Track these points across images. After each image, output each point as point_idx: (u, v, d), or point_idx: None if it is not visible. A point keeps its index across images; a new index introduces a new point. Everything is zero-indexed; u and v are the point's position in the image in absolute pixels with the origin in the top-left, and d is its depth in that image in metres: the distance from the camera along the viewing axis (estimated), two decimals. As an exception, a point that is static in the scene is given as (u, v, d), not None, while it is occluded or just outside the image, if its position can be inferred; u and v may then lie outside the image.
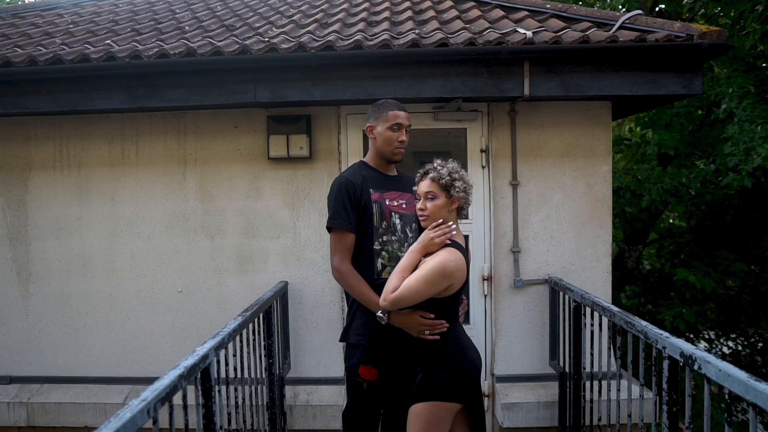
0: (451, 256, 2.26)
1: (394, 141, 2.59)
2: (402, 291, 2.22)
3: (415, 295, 2.23)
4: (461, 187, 2.36)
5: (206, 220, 4.09)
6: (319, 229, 4.05)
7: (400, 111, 2.61)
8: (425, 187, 2.36)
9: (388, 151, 2.61)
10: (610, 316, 2.90)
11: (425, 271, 2.23)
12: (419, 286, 2.21)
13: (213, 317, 4.10)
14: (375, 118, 2.65)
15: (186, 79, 3.63)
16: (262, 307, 3.22)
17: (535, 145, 4.03)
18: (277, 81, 3.60)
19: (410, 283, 2.22)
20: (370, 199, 2.56)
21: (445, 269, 2.23)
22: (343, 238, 2.53)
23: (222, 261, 4.08)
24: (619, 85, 3.58)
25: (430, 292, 2.25)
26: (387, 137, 2.59)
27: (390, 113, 2.58)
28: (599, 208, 4.05)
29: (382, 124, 2.60)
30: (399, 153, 2.62)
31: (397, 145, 2.60)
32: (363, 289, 2.47)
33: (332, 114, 4.03)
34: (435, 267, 2.22)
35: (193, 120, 4.08)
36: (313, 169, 4.05)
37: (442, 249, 2.30)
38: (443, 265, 2.22)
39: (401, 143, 2.60)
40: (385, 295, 2.27)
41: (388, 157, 2.63)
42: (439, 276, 2.22)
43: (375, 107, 2.68)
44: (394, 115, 2.58)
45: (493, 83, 3.57)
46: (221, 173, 4.08)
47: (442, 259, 2.24)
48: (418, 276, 2.23)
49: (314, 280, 4.06)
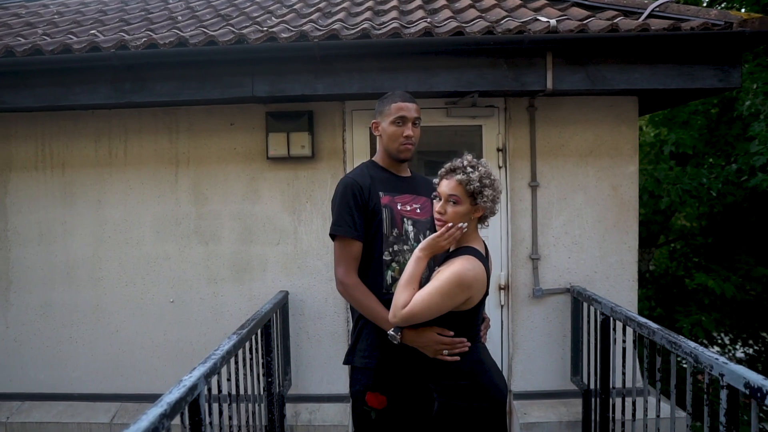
0: (468, 265, 1.96)
1: (399, 137, 2.27)
2: (414, 306, 1.92)
3: (430, 310, 1.94)
4: (490, 196, 2.06)
5: (200, 225, 3.79)
6: (321, 234, 3.75)
7: (405, 102, 2.28)
8: (449, 189, 2.06)
9: (394, 149, 2.30)
10: (649, 333, 2.60)
11: (440, 282, 1.93)
12: (434, 300, 1.92)
13: (207, 329, 3.80)
14: (379, 113, 2.34)
15: (177, 71, 3.34)
16: (260, 322, 2.92)
17: (556, 143, 3.73)
18: (276, 73, 3.30)
19: (423, 296, 1.92)
20: (379, 202, 2.26)
21: (462, 280, 1.93)
22: (349, 247, 2.22)
23: (217, 269, 3.79)
24: (650, 78, 3.29)
25: (447, 305, 1.95)
26: (391, 133, 2.28)
27: (393, 106, 2.27)
28: (625, 211, 3.76)
29: (385, 119, 2.29)
30: (406, 150, 2.30)
31: (402, 141, 2.27)
32: (372, 304, 2.17)
33: (336, 110, 3.73)
34: (451, 277, 1.93)
35: (186, 117, 3.78)
36: (315, 169, 3.75)
37: (459, 257, 2.01)
38: (460, 275, 1.93)
39: (407, 139, 2.28)
40: (394, 311, 1.97)
41: (394, 155, 2.32)
42: (455, 287, 1.93)
43: (379, 101, 2.37)
44: (397, 108, 2.26)
45: (513, 76, 3.28)
46: (216, 174, 3.78)
47: (459, 268, 1.94)
48: (432, 288, 1.93)
49: (317, 289, 3.76)
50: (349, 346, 2.32)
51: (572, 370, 3.71)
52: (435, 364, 2.10)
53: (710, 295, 6.18)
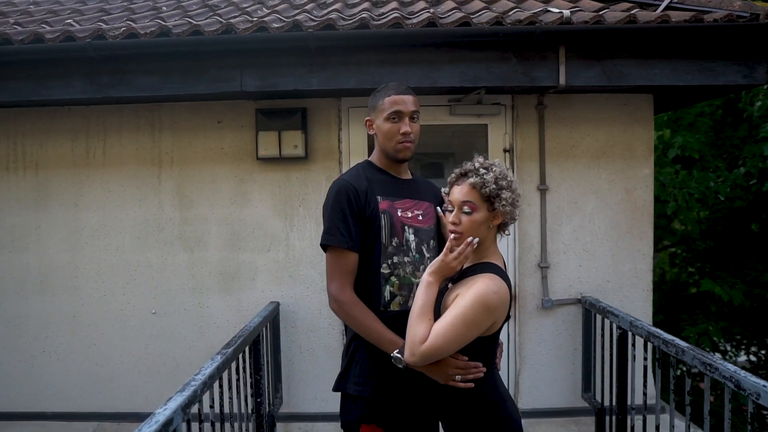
0: (493, 286, 1.71)
1: (395, 134, 1.99)
2: (436, 340, 1.66)
3: (454, 343, 1.68)
4: (509, 198, 1.80)
5: (185, 231, 3.52)
6: (315, 240, 3.49)
7: (401, 94, 2.00)
8: (462, 195, 1.80)
9: (391, 148, 2.03)
10: (677, 352, 2.37)
11: (463, 308, 1.67)
12: (458, 330, 1.66)
13: (192, 343, 3.53)
14: (372, 109, 2.07)
15: (159, 64, 3.08)
16: (249, 338, 2.66)
17: (566, 144, 3.50)
18: (267, 67, 3.05)
19: (445, 327, 1.66)
20: (377, 208, 1.99)
21: (488, 303, 1.68)
22: (343, 259, 1.96)
23: (203, 278, 3.52)
24: (669, 74, 3.07)
25: (472, 335, 1.70)
26: (387, 130, 2.00)
27: (386, 100, 1.99)
28: (639, 216, 3.54)
29: (379, 115, 2.01)
30: (405, 149, 2.03)
31: (399, 139, 1.99)
32: (372, 324, 1.91)
33: (332, 107, 3.48)
34: (475, 302, 1.67)
35: (170, 114, 3.53)
36: (309, 170, 3.50)
37: (480, 275, 1.75)
38: (485, 298, 1.67)
39: (405, 136, 1.99)
40: (411, 347, 1.70)
41: (392, 156, 2.05)
42: (481, 313, 1.67)
43: (372, 95, 2.09)
44: (391, 102, 1.98)
45: (523, 71, 3.04)
46: (202, 176, 3.52)
47: (483, 290, 1.69)
48: (454, 316, 1.67)
49: (310, 300, 3.51)
50: (341, 371, 2.04)
51: (583, 387, 3.48)
52: (444, 391, 1.84)
53: (717, 303, 5.97)
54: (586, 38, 3.01)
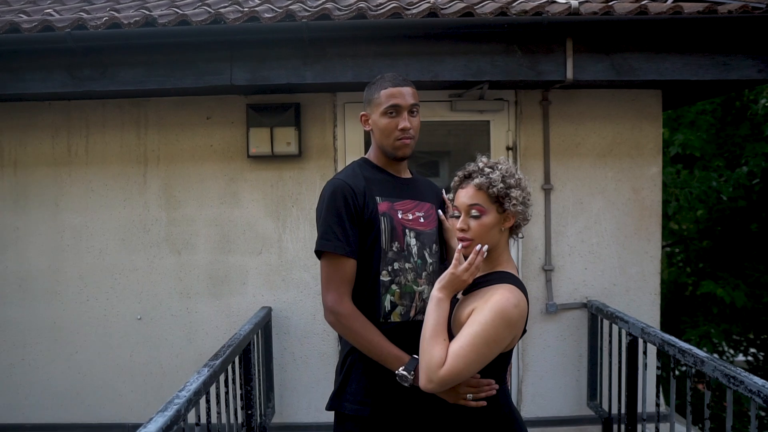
0: (513, 299, 1.55)
1: (393, 130, 1.82)
2: (456, 362, 1.50)
3: (476, 364, 1.52)
4: (519, 197, 1.65)
5: (172, 232, 3.35)
6: (309, 242, 3.33)
7: (398, 86, 1.83)
8: (468, 198, 1.65)
9: (389, 145, 1.86)
10: (695, 362, 2.23)
11: (483, 325, 1.51)
12: (479, 350, 1.50)
13: (180, 350, 3.36)
14: (368, 103, 1.89)
15: (144, 55, 2.91)
16: (239, 348, 2.50)
17: (572, 141, 3.35)
18: (258, 59, 2.89)
19: (465, 348, 1.50)
20: (376, 210, 1.83)
21: (509, 318, 1.52)
22: (340, 267, 1.79)
23: (191, 282, 3.35)
24: (682, 68, 2.93)
25: (493, 354, 1.54)
26: (384, 126, 1.83)
27: (383, 93, 1.82)
28: (647, 217, 3.40)
29: (375, 110, 1.83)
30: (403, 146, 1.86)
31: (397, 136, 1.82)
32: (374, 338, 1.75)
33: (327, 102, 3.32)
34: (495, 318, 1.51)
35: (156, 109, 3.35)
36: (302, 169, 3.34)
37: (496, 287, 1.60)
38: (505, 312, 1.52)
39: (404, 132, 1.82)
40: (428, 373, 1.54)
41: (390, 153, 1.88)
42: (503, 330, 1.52)
43: (367, 88, 1.92)
44: (388, 95, 1.81)
45: (528, 64, 2.89)
46: (190, 174, 3.35)
47: (503, 303, 1.53)
48: (473, 335, 1.50)
49: (303, 305, 3.35)
50: (336, 388, 1.87)
51: (589, 395, 3.34)
52: (454, 410, 1.69)
53: (718, 304, 5.86)
54: (595, 30, 2.87)
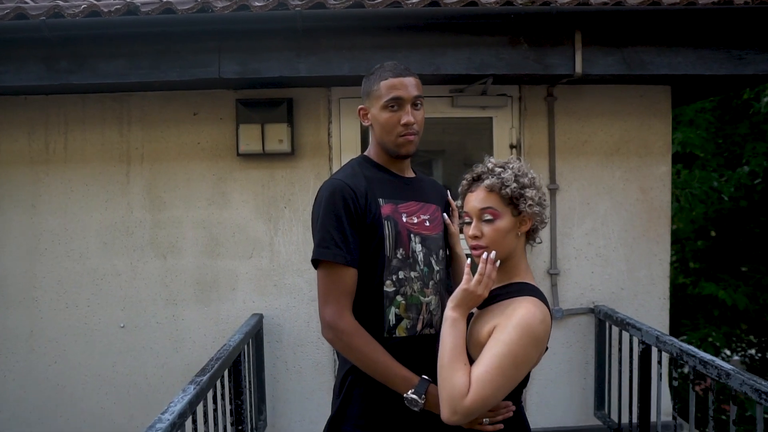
0: (539, 313, 1.40)
1: (395, 125, 1.64)
2: (482, 390, 1.33)
3: (504, 390, 1.36)
4: (534, 197, 1.49)
5: (157, 235, 3.17)
6: (302, 246, 3.16)
7: (400, 77, 1.65)
8: (480, 202, 1.49)
9: (390, 142, 1.68)
10: (719, 375, 2.08)
11: (509, 345, 1.34)
12: (507, 373, 1.34)
13: (166, 360, 3.18)
14: (366, 95, 1.71)
15: (126, 46, 2.73)
16: (228, 360, 2.32)
17: (578, 139, 3.21)
18: (249, 51, 2.71)
19: (491, 372, 1.33)
20: (379, 213, 1.65)
21: (536, 335, 1.36)
22: (340, 277, 1.60)
23: (177, 287, 3.17)
24: (695, 62, 2.80)
25: (521, 376, 1.39)
26: (384, 121, 1.65)
27: (383, 84, 1.64)
28: (656, 218, 3.27)
29: (375, 103, 1.67)
30: (407, 142, 1.68)
31: (400, 131, 1.64)
32: (379, 357, 1.57)
33: (321, 97, 3.15)
34: (522, 335, 1.34)
35: (139, 104, 3.17)
36: (295, 168, 3.17)
37: (519, 300, 1.44)
38: (532, 329, 1.36)
39: (407, 127, 1.64)
40: (452, 404, 1.37)
41: (392, 151, 1.70)
42: (531, 348, 1.36)
43: (365, 79, 1.73)
44: (389, 86, 1.64)
45: (535, 57, 2.74)
46: (176, 174, 3.17)
47: (529, 319, 1.37)
48: (500, 356, 1.34)
49: (297, 311, 3.17)
50: (334, 412, 1.69)
51: (596, 404, 3.19)
52: (466, 435, 1.52)
53: (720, 307, 5.75)
54: (605, 21, 2.73)
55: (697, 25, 2.76)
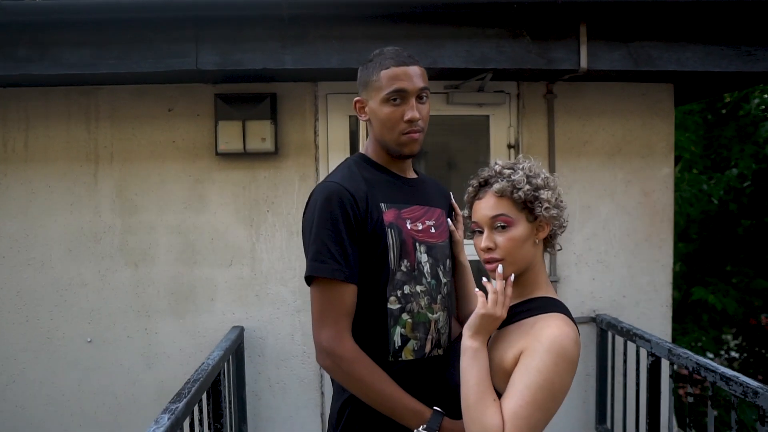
0: (571, 332, 1.24)
1: (397, 121, 1.43)
2: (517, 429, 1.15)
3: (542, 425, 1.20)
4: (551, 199, 1.32)
5: (128, 241, 2.92)
6: (286, 252, 2.94)
7: (403, 65, 1.44)
8: (490, 209, 1.32)
9: (392, 140, 1.47)
10: (747, 393, 1.92)
11: (545, 373, 1.16)
12: (545, 405, 1.17)
13: (138, 377, 2.93)
14: (364, 86, 1.48)
15: (93, 34, 2.49)
16: (207, 381, 2.10)
17: (579, 139, 3.06)
18: (229, 40, 2.49)
19: (525, 408, 1.15)
20: (381, 219, 1.44)
21: (570, 358, 1.20)
22: (338, 296, 1.39)
23: (150, 298, 2.93)
24: (704, 58, 2.66)
25: (559, 405, 1.22)
26: (385, 117, 1.44)
27: (383, 74, 1.43)
28: (658, 222, 3.13)
29: (374, 95, 1.46)
30: (410, 141, 1.47)
31: (403, 128, 1.44)
32: (386, 388, 1.37)
33: (307, 93, 2.95)
34: (558, 360, 1.17)
35: (109, 99, 2.92)
36: (279, 168, 2.95)
37: (544, 317, 1.26)
38: (566, 351, 1.19)
39: (411, 123, 1.43)
40: None
41: (394, 150, 1.49)
42: (567, 374, 1.19)
43: (362, 68, 1.51)
44: (390, 77, 1.43)
45: (538, 51, 2.57)
46: (149, 175, 2.94)
47: (562, 341, 1.20)
48: (535, 387, 1.15)
49: (281, 323, 2.95)
50: None
51: (597, 418, 3.04)
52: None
53: (709, 311, 5.68)
54: (612, 13, 2.58)
55: (705, 19, 2.63)
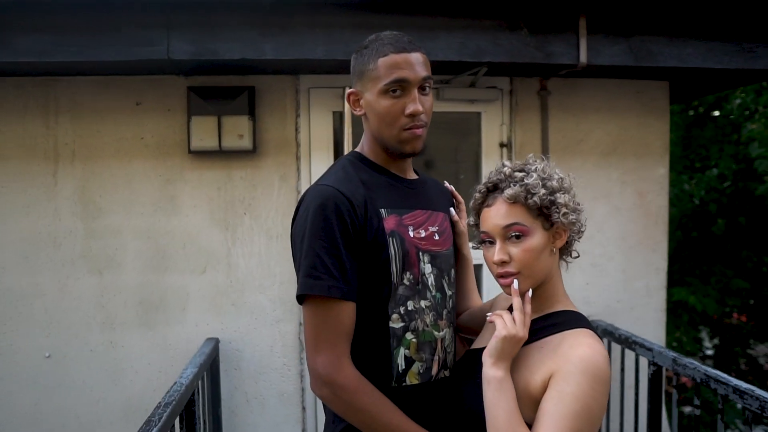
0: (601, 349, 1.12)
1: (398, 116, 1.27)
2: None
3: None
4: (569, 203, 1.21)
5: (91, 247, 2.69)
6: (265, 257, 2.75)
7: (403, 52, 1.28)
8: (502, 217, 1.18)
9: (391, 137, 1.29)
10: (765, 408, 1.80)
11: (579, 400, 1.04)
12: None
13: (102, 395, 2.70)
14: (358, 76, 1.30)
15: (50, 17, 2.25)
16: (180, 403, 1.90)
17: (573, 138, 2.94)
18: (204, 27, 2.29)
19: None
20: (382, 227, 1.27)
21: (605, 378, 1.08)
22: (335, 315, 1.21)
23: (116, 308, 2.70)
24: (705, 54, 2.56)
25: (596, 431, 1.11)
26: (384, 110, 1.28)
27: (381, 63, 1.27)
28: (653, 224, 3.03)
29: (371, 86, 1.29)
30: (413, 138, 1.30)
31: (404, 123, 1.27)
32: (392, 418, 1.20)
33: (288, 86, 2.75)
34: (592, 383, 1.05)
35: (70, 91, 2.68)
36: (257, 168, 2.76)
37: (569, 333, 1.15)
38: (600, 371, 1.07)
39: (413, 118, 1.27)
40: None
41: (394, 148, 1.32)
42: (602, 396, 1.08)
43: (356, 55, 1.33)
44: (389, 65, 1.27)
45: (536, 44, 2.44)
46: (115, 174, 2.71)
47: (594, 360, 1.09)
48: (571, 416, 1.04)
49: (259, 334, 2.76)
50: None
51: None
52: None
53: (689, 312, 5.67)
54: (612, 6, 2.46)
55: (706, 13, 2.53)
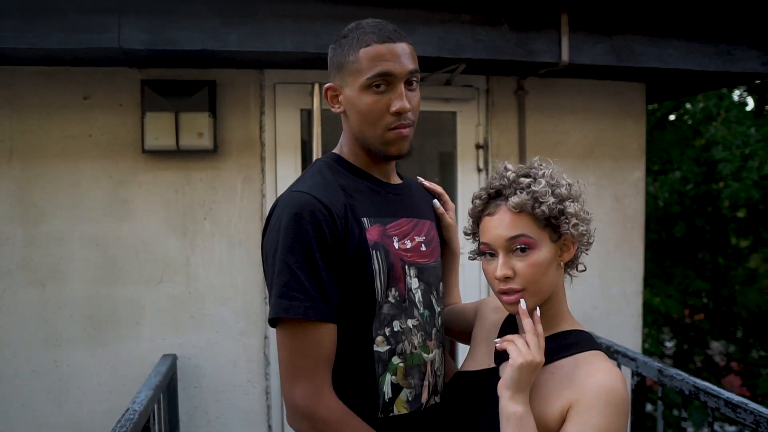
0: (619, 374, 1.04)
1: (382, 113, 1.14)
2: None
3: None
4: (578, 212, 1.09)
5: (31, 256, 2.44)
6: (227, 266, 2.55)
7: (387, 42, 1.14)
8: (507, 228, 1.07)
9: (375, 137, 1.15)
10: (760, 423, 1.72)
11: (601, 429, 0.98)
12: None
13: (45, 419, 2.46)
14: (338, 68, 1.17)
15: (-17, 0, 2.00)
16: None
17: (550, 140, 2.85)
18: (161, 13, 2.09)
19: None
20: (364, 238, 1.12)
21: (626, 406, 1.01)
22: (314, 340, 1.05)
23: (61, 324, 2.46)
24: (686, 55, 2.53)
25: None
26: (366, 108, 1.15)
27: (363, 53, 1.13)
28: (629, 229, 2.98)
29: (351, 81, 1.16)
30: (399, 139, 1.15)
31: (389, 122, 1.14)
32: None
33: (252, 81, 2.57)
34: (616, 412, 0.99)
35: (8, 82, 2.44)
36: (219, 169, 2.57)
37: (583, 357, 1.07)
38: (621, 399, 1.00)
39: (399, 116, 1.14)
40: None
41: (377, 150, 1.17)
42: (625, 425, 1.02)
43: (334, 45, 1.18)
44: (372, 57, 1.13)
45: (517, 41, 2.33)
46: (60, 175, 2.48)
47: (615, 387, 1.00)
48: None
49: (220, 349, 2.56)
50: None
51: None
52: None
53: (653, 313, 5.73)
54: (594, 4, 2.38)
55: (687, 15, 2.50)
